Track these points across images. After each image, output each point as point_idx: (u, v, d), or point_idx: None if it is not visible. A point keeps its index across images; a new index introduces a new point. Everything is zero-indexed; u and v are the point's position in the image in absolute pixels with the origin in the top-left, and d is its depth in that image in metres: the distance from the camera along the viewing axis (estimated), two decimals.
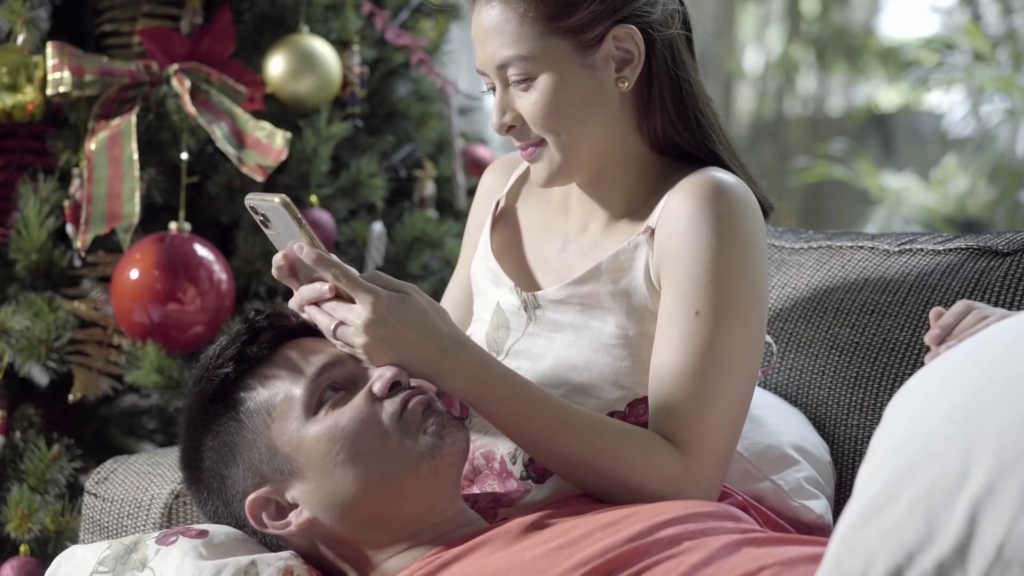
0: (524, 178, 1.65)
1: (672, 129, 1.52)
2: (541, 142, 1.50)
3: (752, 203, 1.50)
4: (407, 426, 1.43)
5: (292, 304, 1.48)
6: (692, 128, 1.52)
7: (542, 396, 1.45)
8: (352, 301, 1.42)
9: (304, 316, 1.47)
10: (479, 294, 1.62)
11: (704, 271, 1.45)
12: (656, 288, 1.50)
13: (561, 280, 1.55)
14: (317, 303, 1.44)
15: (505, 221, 1.65)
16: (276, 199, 1.41)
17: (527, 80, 1.47)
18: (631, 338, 1.51)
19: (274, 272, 1.46)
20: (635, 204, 1.54)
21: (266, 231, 1.48)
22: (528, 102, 1.48)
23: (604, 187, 1.55)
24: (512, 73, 1.48)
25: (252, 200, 1.45)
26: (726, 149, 1.53)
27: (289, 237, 1.44)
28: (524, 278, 1.59)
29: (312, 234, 1.43)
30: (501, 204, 1.65)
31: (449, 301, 1.71)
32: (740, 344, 1.46)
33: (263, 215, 1.45)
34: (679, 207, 1.47)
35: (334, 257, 1.43)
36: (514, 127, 1.51)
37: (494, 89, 1.51)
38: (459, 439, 1.45)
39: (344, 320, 1.42)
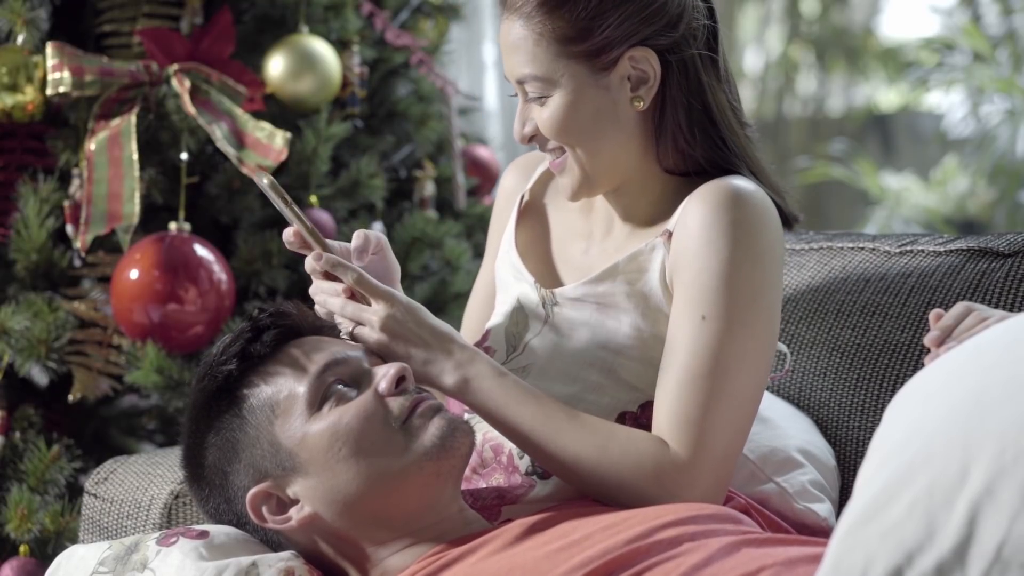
0: (550, 174, 1.65)
1: (687, 148, 1.52)
2: (563, 151, 1.53)
3: (769, 212, 1.50)
4: (413, 425, 1.44)
5: (319, 313, 1.54)
6: (707, 148, 1.52)
7: (535, 396, 1.48)
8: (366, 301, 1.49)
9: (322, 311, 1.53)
10: (501, 288, 1.64)
11: (714, 276, 1.45)
12: (670, 291, 1.51)
13: (581, 279, 1.56)
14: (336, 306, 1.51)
15: (532, 216, 1.66)
16: (265, 179, 1.49)
17: (542, 97, 1.50)
18: (645, 339, 1.52)
19: (285, 244, 1.51)
20: (657, 210, 1.55)
21: (273, 204, 1.53)
22: (542, 117, 1.51)
23: (627, 195, 1.56)
24: (529, 89, 1.51)
25: (255, 177, 1.54)
26: (751, 164, 1.53)
27: (283, 213, 1.51)
28: (546, 275, 1.61)
29: (299, 213, 1.49)
30: (526, 198, 1.67)
31: (475, 299, 1.73)
32: (745, 350, 1.46)
33: (262, 190, 1.52)
34: (695, 212, 1.48)
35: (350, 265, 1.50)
36: (535, 136, 1.53)
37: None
38: (465, 443, 1.45)
39: (360, 320, 1.49)
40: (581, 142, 1.51)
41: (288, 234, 1.50)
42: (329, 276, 1.50)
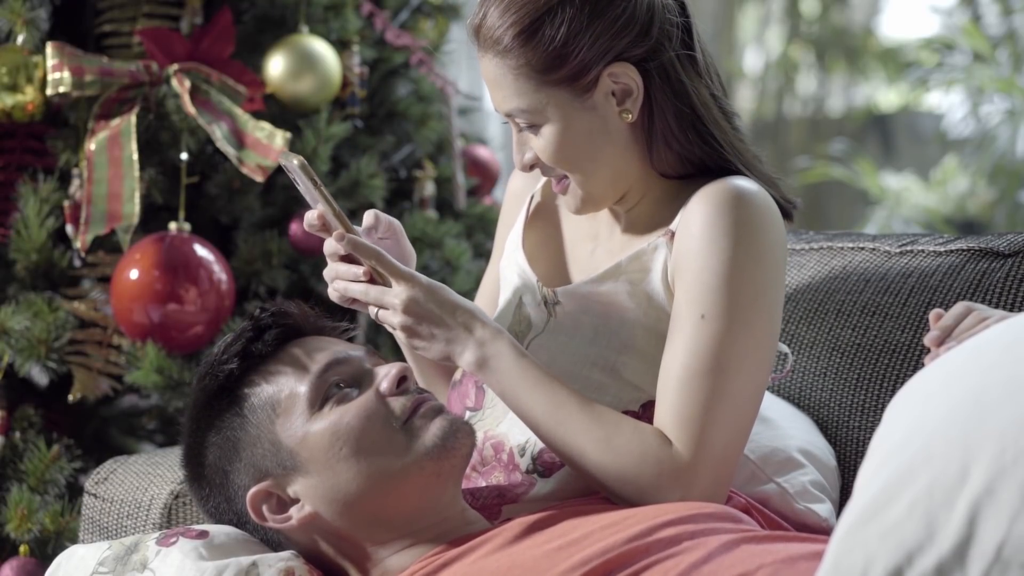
0: None
1: (682, 150, 1.53)
2: (566, 175, 1.54)
3: (772, 212, 1.50)
4: (414, 426, 1.44)
5: (332, 296, 1.53)
6: (702, 147, 1.52)
7: (550, 382, 1.48)
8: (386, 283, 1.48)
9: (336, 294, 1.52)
10: (506, 287, 1.64)
11: (714, 276, 1.46)
12: (672, 290, 1.51)
13: (584, 279, 1.56)
14: (357, 295, 1.50)
15: (543, 217, 1.67)
16: (295, 161, 1.49)
17: (534, 126, 1.51)
18: (647, 339, 1.52)
19: (305, 227, 1.52)
20: (659, 211, 1.55)
21: (297, 187, 1.54)
22: (539, 146, 1.52)
23: (629, 201, 1.57)
24: (519, 121, 1.52)
25: (281, 159, 1.53)
26: (740, 158, 1.54)
27: (309, 195, 1.52)
28: (554, 275, 1.62)
29: (327, 194, 1.49)
30: (536, 199, 1.67)
31: (480, 299, 1.74)
32: (745, 349, 1.46)
33: (288, 172, 1.53)
34: (698, 212, 1.48)
35: (370, 244, 1.49)
36: (536, 164, 1.54)
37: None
38: (467, 444, 1.46)
39: (383, 304, 1.48)
40: (580, 165, 1.52)
41: (311, 216, 1.50)
42: (349, 260, 1.50)
